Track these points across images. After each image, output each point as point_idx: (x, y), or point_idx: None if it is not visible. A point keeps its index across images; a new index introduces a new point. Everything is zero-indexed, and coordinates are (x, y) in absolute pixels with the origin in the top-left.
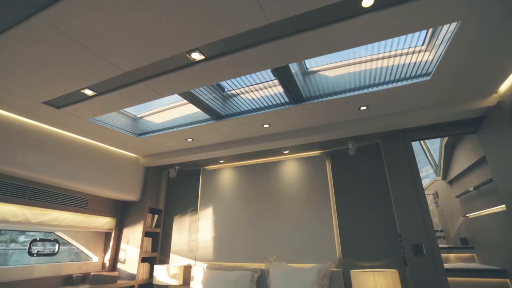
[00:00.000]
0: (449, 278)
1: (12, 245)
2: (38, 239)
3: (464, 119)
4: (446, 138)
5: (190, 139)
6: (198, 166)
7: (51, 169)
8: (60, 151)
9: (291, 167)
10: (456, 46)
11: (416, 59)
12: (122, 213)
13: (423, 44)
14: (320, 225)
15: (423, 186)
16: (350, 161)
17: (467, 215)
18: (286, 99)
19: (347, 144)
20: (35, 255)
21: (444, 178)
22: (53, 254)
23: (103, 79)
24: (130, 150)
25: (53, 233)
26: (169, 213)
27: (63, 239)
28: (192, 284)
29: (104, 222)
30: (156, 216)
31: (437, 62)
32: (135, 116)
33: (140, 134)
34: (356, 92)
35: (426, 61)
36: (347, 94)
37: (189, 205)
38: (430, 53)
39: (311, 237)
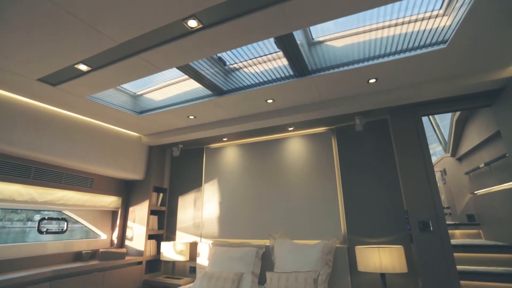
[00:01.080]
0: (455, 254)
1: (29, 224)
2: (46, 217)
3: (479, 91)
4: (458, 113)
5: (192, 117)
6: (202, 145)
7: (53, 149)
8: (62, 130)
9: (296, 144)
10: (478, 9)
11: (432, 25)
12: (128, 192)
13: (440, 7)
14: (325, 202)
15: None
16: (357, 137)
17: (475, 192)
18: (291, 72)
19: (354, 120)
20: (44, 233)
21: (453, 155)
22: (62, 232)
23: (97, 52)
24: (132, 129)
25: (61, 212)
26: (174, 191)
27: (71, 217)
28: (198, 260)
29: (110, 201)
30: (161, 194)
31: (455, 27)
32: (134, 93)
33: (141, 112)
34: (365, 63)
35: (443, 27)
36: (355, 66)
37: (193, 184)
38: (448, 18)
39: (316, 214)
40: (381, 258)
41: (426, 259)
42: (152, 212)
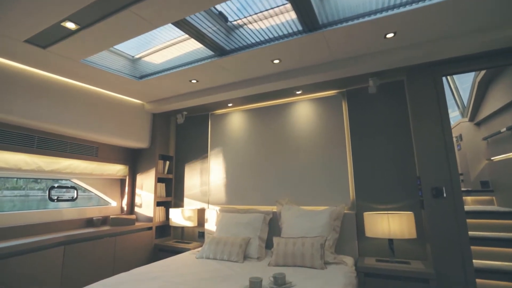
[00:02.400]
0: (467, 220)
1: (58, 193)
2: (56, 186)
3: (511, 46)
4: (481, 74)
5: (195, 81)
6: (206, 111)
7: (55, 117)
8: (62, 98)
9: (304, 109)
10: None
11: None
12: (134, 161)
13: None
14: (334, 168)
15: None
16: (369, 101)
17: (492, 158)
18: (299, 27)
19: (366, 82)
20: (55, 200)
21: (471, 119)
22: (72, 199)
23: (82, 6)
24: (133, 95)
25: (70, 180)
26: (180, 159)
27: (81, 186)
28: (206, 225)
29: (117, 169)
30: (168, 162)
31: None
32: (133, 57)
33: (141, 77)
34: (383, 14)
35: None
36: (372, 17)
37: (199, 151)
38: None
39: (324, 180)
40: (390, 224)
41: (436, 225)
42: (159, 179)
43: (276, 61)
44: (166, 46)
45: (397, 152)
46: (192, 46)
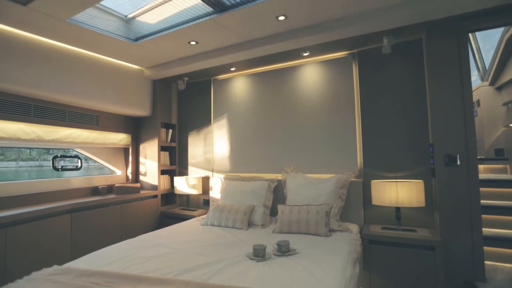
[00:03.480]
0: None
1: (62, 162)
2: (59, 155)
3: None
4: (511, 30)
5: (194, 42)
6: (209, 76)
7: (48, 84)
8: (55, 64)
9: (311, 72)
10: None
11: None
12: (136, 129)
13: None
14: (342, 134)
15: None
16: (382, 62)
17: (510, 125)
18: None
19: (380, 41)
20: (60, 169)
21: (492, 83)
22: (77, 169)
23: None
24: (131, 60)
25: (73, 150)
26: (183, 127)
27: (85, 156)
28: (211, 193)
29: (120, 138)
30: (171, 130)
31: None
32: (125, 16)
33: (136, 39)
34: None
35: None
36: None
37: (202, 118)
38: None
39: (331, 147)
40: (398, 192)
41: (447, 194)
42: (162, 148)
43: (282, 18)
44: (161, 3)
45: (410, 118)
46: (189, 1)
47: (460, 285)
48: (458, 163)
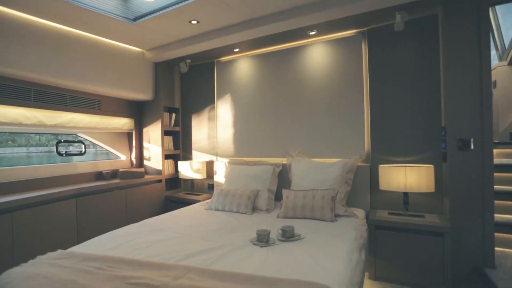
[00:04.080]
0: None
1: (70, 148)
2: (62, 140)
3: None
4: None
5: (195, 22)
6: (211, 58)
7: (46, 67)
8: (53, 47)
9: (318, 53)
10: None
11: None
12: (139, 114)
13: None
14: (349, 117)
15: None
16: (393, 41)
17: None
18: None
19: (392, 18)
20: (64, 155)
21: (511, 63)
22: (81, 154)
23: None
24: (131, 42)
25: (76, 135)
26: (186, 111)
27: (89, 141)
28: (215, 178)
29: (123, 123)
30: (174, 115)
31: None
32: None
33: (135, 19)
34: None
35: None
36: None
37: (206, 102)
38: None
39: (338, 131)
40: (407, 177)
41: (458, 179)
42: (166, 132)
43: None
44: None
45: (421, 100)
46: None
47: (468, 271)
48: (472, 147)
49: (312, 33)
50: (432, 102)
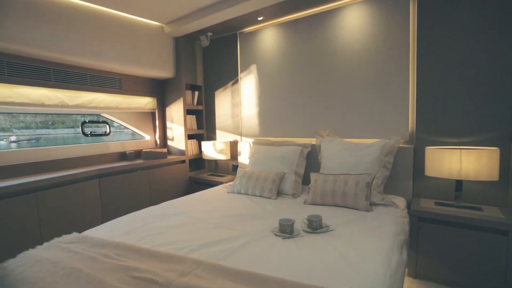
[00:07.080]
0: None
1: (97, 130)
2: (87, 120)
3: None
4: None
5: None
6: (234, 30)
7: (62, 45)
8: (67, 23)
9: (354, 16)
10: None
11: None
12: (161, 92)
13: None
14: (390, 91)
15: None
16: (451, 0)
17: None
18: None
19: None
20: (89, 135)
21: None
22: (106, 134)
23: None
24: (148, 15)
25: (100, 115)
26: (209, 88)
27: (113, 121)
28: (239, 159)
29: (146, 102)
30: (197, 93)
31: None
32: None
33: None
34: None
35: None
36: None
37: (229, 78)
38: None
39: (376, 107)
40: (462, 162)
41: None
42: (189, 111)
43: None
44: None
45: (485, 68)
46: None
47: None
48: None
49: None
50: (497, 73)
